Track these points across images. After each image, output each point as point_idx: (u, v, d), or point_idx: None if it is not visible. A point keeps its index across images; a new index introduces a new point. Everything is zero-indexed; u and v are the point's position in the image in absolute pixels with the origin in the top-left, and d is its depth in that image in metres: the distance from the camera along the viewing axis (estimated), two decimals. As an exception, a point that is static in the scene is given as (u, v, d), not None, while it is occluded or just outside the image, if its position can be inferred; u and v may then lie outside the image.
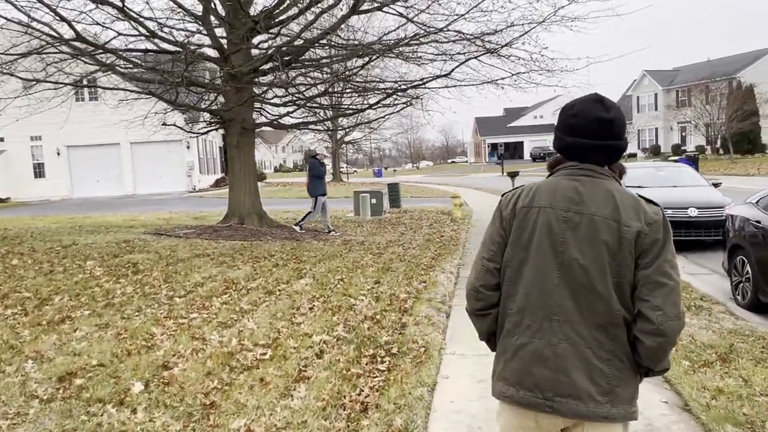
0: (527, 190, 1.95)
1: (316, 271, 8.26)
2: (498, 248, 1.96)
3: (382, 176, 69.84)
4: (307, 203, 25.95)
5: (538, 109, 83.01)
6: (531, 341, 1.85)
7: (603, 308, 1.79)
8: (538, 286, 1.85)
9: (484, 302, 1.98)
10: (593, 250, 1.80)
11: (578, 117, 1.89)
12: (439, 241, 11.84)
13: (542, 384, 1.82)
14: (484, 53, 10.31)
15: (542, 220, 1.86)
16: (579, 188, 1.86)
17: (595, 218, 1.81)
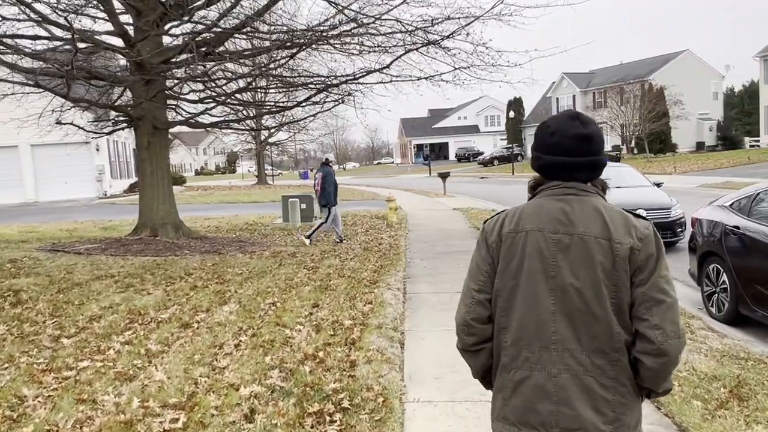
0: (511, 215, 1.86)
1: (242, 294, 7.06)
2: (487, 278, 1.85)
3: (308, 178, 68.38)
4: (232, 208, 24.45)
5: (462, 110, 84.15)
6: (531, 374, 1.75)
7: (602, 332, 1.72)
8: (533, 314, 1.76)
9: (477, 337, 1.86)
10: (587, 272, 1.72)
11: (556, 135, 1.81)
12: (379, 250, 10.88)
13: (547, 420, 1.72)
14: (424, 44, 9.45)
15: (531, 245, 1.77)
16: (565, 208, 1.78)
17: (586, 238, 1.73)
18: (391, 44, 10.04)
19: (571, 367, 1.72)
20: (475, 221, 15.23)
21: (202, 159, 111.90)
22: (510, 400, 1.79)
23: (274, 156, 72.49)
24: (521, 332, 1.77)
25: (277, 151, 60.85)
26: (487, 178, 44.28)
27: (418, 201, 22.54)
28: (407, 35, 10.36)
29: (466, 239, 12.28)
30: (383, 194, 29.31)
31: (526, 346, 1.77)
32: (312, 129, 47.50)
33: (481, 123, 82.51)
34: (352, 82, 10.99)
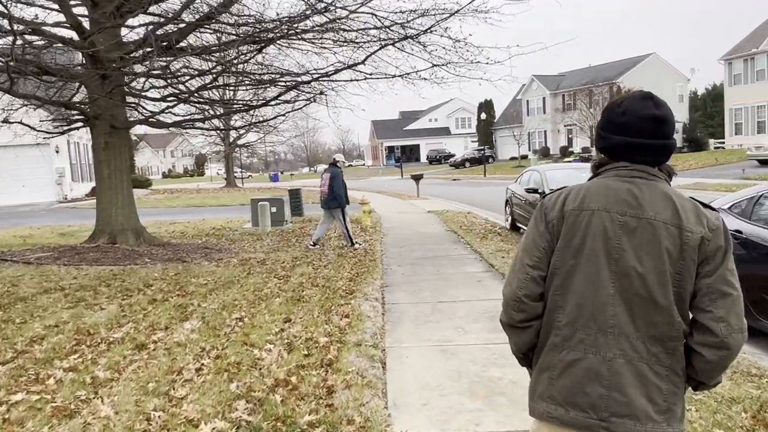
0: (575, 192, 1.79)
1: (206, 308, 6.44)
2: (544, 254, 1.78)
3: (278, 180, 67.47)
4: (199, 212, 23.57)
5: (433, 113, 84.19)
6: (585, 356, 1.70)
7: (662, 320, 1.67)
8: (591, 296, 1.71)
9: (527, 314, 1.80)
10: (652, 258, 1.67)
11: (628, 115, 1.75)
12: (354, 256, 10.34)
13: (597, 404, 1.67)
14: (401, 39, 8.96)
15: (596, 224, 1.71)
16: (634, 191, 1.72)
17: (655, 223, 1.68)
18: (365, 40, 9.53)
19: (626, 353, 1.67)
20: (451, 224, 14.81)
21: (169, 161, 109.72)
22: (558, 380, 1.74)
23: (244, 158, 71.39)
24: (578, 313, 1.72)
25: (247, 153, 59.79)
26: (459, 180, 44.10)
27: (391, 203, 22.05)
28: (382, 31, 9.87)
29: (444, 243, 11.84)
30: (356, 197, 28.75)
31: (582, 327, 1.71)
32: (282, 130, 46.83)
33: (452, 125, 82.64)
34: (324, 79, 10.45)
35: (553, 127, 60.04)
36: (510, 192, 13.65)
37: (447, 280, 8.28)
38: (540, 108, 61.60)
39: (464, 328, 5.87)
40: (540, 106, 61.70)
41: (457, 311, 6.54)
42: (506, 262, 9.16)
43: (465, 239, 12.04)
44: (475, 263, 9.49)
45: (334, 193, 11.12)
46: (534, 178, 12.17)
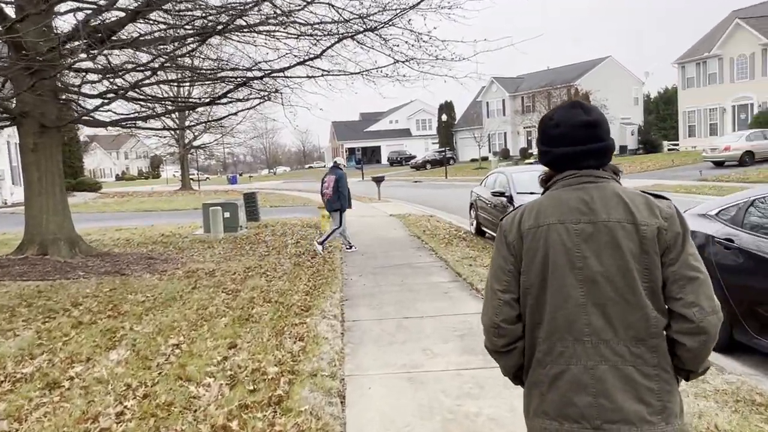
0: (529, 210, 1.81)
1: (139, 332, 5.63)
2: (512, 277, 1.79)
3: (236, 183, 65.96)
4: (150, 217, 22.19)
5: (394, 114, 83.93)
6: (567, 368, 1.70)
7: (638, 319, 1.67)
8: (562, 308, 1.71)
9: (508, 338, 1.81)
10: (615, 259, 1.68)
11: (561, 126, 1.79)
12: (311, 266, 9.63)
13: (587, 413, 1.66)
14: (362, 31, 8.30)
15: (554, 238, 1.72)
16: (584, 197, 1.74)
17: (610, 224, 1.70)
18: (324, 34, 8.83)
19: (607, 358, 1.67)
20: (414, 228, 14.23)
21: (123, 163, 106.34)
22: (547, 395, 1.74)
23: (201, 160, 69.63)
24: (553, 326, 1.73)
25: (204, 155, 58.13)
26: (420, 181, 43.72)
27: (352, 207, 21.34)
28: (341, 25, 9.20)
29: (407, 250, 11.23)
30: (315, 200, 27.86)
31: (559, 340, 1.72)
32: (240, 132, 45.54)
33: (412, 127, 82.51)
34: (278, 75, 9.69)
35: (512, 128, 60.42)
36: (475, 195, 13.16)
37: (412, 291, 7.66)
38: (500, 110, 61.92)
39: (433, 350, 5.26)
40: (500, 107, 62.03)
41: (424, 329, 5.93)
42: (474, 270, 8.61)
43: (429, 245, 11.47)
44: (441, 272, 8.91)
45: (339, 194, 11.07)
46: (500, 180, 11.70)
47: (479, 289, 7.45)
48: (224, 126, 37.50)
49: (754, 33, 39.00)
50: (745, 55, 40.27)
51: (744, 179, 22.42)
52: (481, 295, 7.23)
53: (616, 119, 50.92)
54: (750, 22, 39.87)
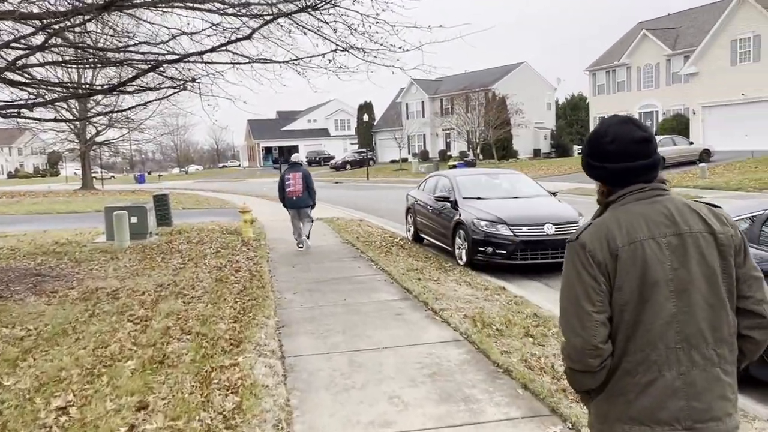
0: (611, 227, 1.80)
1: (10, 390, 4.20)
2: (604, 296, 1.78)
3: (144, 182, 62.16)
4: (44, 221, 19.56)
5: (312, 113, 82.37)
6: (660, 375, 1.76)
7: (722, 322, 1.78)
8: (657, 319, 1.76)
9: (603, 357, 1.79)
10: (700, 267, 1.77)
11: (617, 142, 1.85)
12: (236, 281, 8.35)
13: (679, 415, 1.74)
14: (297, 11, 7.10)
15: (649, 253, 1.77)
16: (662, 210, 1.81)
17: (692, 235, 1.79)
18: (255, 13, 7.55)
19: (697, 363, 1.75)
20: (346, 234, 13.16)
21: (16, 160, 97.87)
22: (636, 402, 1.79)
23: (105, 157, 65.03)
24: (647, 338, 1.76)
25: (109, 151, 53.99)
26: (341, 182, 42.66)
27: (273, 210, 19.81)
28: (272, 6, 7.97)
29: (343, 260, 10.15)
30: (233, 201, 26.03)
31: (653, 350, 1.76)
32: (149, 127, 42.38)
33: (331, 127, 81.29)
34: (198, 61, 8.32)
35: (432, 130, 60.66)
36: (412, 199, 12.29)
37: (359, 313, 6.62)
38: (419, 112, 62.01)
39: (402, 398, 4.24)
40: (419, 109, 62.11)
41: (384, 366, 4.91)
42: (425, 286, 7.68)
43: (367, 254, 10.46)
44: (386, 287, 7.91)
45: (310, 190, 11.21)
46: (442, 185, 10.88)
47: (436, 309, 6.53)
48: (131, 120, 34.68)
49: (659, 44, 41.04)
50: (651, 64, 42.31)
51: (660, 183, 23.08)
52: (440, 317, 6.31)
53: (531, 123, 52.26)
54: (656, 33, 41.95)
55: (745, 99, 33.23)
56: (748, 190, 18.94)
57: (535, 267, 8.88)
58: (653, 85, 42.30)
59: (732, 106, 34.28)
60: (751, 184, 19.77)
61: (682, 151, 29.37)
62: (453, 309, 6.52)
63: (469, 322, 6.00)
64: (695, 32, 40.16)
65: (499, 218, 8.88)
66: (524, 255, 8.66)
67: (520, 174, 11.49)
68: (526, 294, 7.51)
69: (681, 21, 43.22)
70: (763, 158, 27.52)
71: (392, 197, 26.13)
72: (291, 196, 11.12)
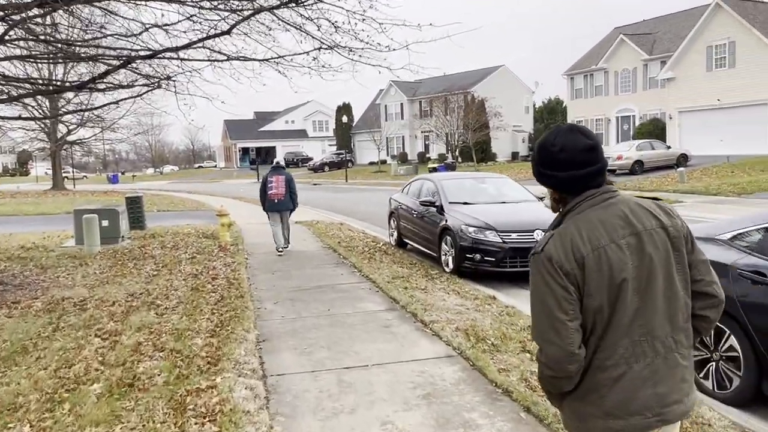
0: (576, 237, 1.87)
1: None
2: (576, 305, 1.86)
3: (118, 182, 60.91)
4: (9, 224, 18.71)
5: (290, 114, 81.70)
6: (629, 368, 1.86)
7: (679, 310, 1.90)
8: (623, 317, 1.86)
9: (579, 362, 1.88)
10: (656, 262, 1.87)
11: (566, 151, 1.92)
12: (213, 290, 7.92)
13: (649, 403, 1.86)
14: (279, 6, 6.70)
15: (612, 257, 1.85)
16: (618, 213, 1.90)
17: (646, 232, 1.88)
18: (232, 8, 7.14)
19: (659, 352, 1.87)
20: (327, 239, 12.78)
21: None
22: (608, 397, 1.86)
23: (78, 157, 63.61)
24: (615, 335, 1.85)
25: (81, 151, 52.64)
26: (319, 184, 42.19)
27: (251, 212, 19.38)
28: (250, 2, 7.57)
29: (325, 266, 9.78)
30: (209, 203, 25.40)
31: (620, 345, 1.85)
32: (123, 127, 41.33)
33: (309, 128, 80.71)
34: (173, 57, 7.87)
35: (410, 132, 60.49)
36: (395, 203, 11.96)
37: (345, 326, 6.26)
38: (398, 113, 61.79)
39: (396, 424, 3.91)
40: (398, 111, 61.90)
41: (374, 386, 4.56)
42: (413, 296, 7.36)
43: (349, 260, 10.10)
44: (372, 296, 7.57)
45: (292, 193, 11.20)
46: (427, 189, 10.57)
47: (426, 321, 6.21)
48: (102, 118, 33.79)
49: (637, 49, 41.41)
50: (628, 69, 42.67)
51: (640, 188, 23.16)
52: (430, 330, 5.99)
53: (509, 126, 52.38)
54: (633, 38, 42.32)
55: (721, 104, 33.67)
56: (727, 195, 19.04)
57: (524, 275, 8.61)
58: (630, 90, 42.68)
59: (708, 112, 34.71)
60: (730, 189, 19.88)
61: (660, 155, 29.59)
62: (444, 321, 6.21)
63: (462, 335, 5.69)
64: (672, 38, 40.63)
65: (488, 224, 8.60)
66: (513, 262, 8.38)
67: (507, 178, 11.23)
68: (517, 304, 7.24)
69: (657, 26, 43.71)
70: (739, 163, 27.86)
71: (372, 200, 25.79)
72: (273, 198, 11.03)
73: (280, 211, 11.13)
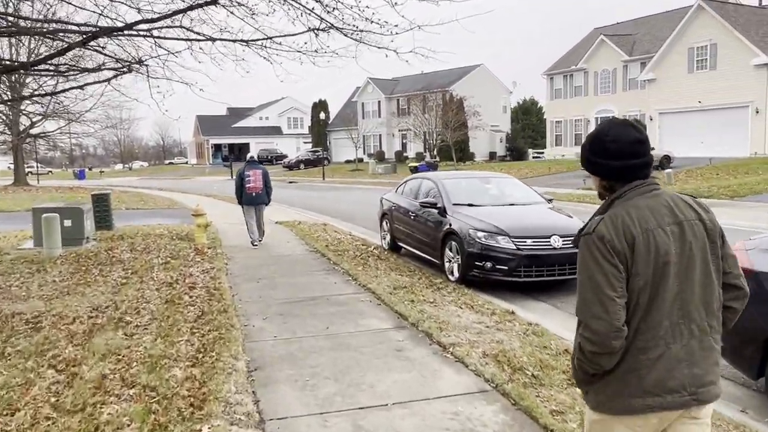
0: (624, 219, 2.00)
1: None
2: (623, 282, 1.97)
3: (85, 178, 58.79)
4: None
5: (264, 111, 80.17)
6: (667, 349, 1.97)
7: (713, 297, 2.04)
8: (664, 299, 1.97)
9: (622, 340, 1.97)
10: (695, 251, 2.02)
11: (619, 142, 2.06)
12: (191, 302, 6.92)
13: (685, 382, 1.97)
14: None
15: (659, 240, 1.97)
16: (662, 203, 2.05)
17: (688, 223, 2.03)
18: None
19: (695, 335, 2.00)
20: (313, 241, 11.82)
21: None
22: (647, 377, 1.97)
23: (43, 152, 61.24)
24: (656, 317, 1.97)
25: (46, 145, 50.41)
26: (296, 182, 41.10)
27: (227, 211, 18.22)
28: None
29: (315, 273, 8.82)
30: (182, 201, 24.08)
31: (660, 327, 1.97)
32: (90, 120, 39.45)
33: (284, 124, 79.25)
34: (144, 33, 6.80)
35: (388, 131, 59.66)
36: (388, 204, 11.05)
37: (349, 348, 5.35)
38: (375, 111, 60.87)
39: (440, 493, 3.01)
40: (375, 109, 60.98)
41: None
42: (423, 311, 6.47)
43: (341, 266, 9.17)
44: (374, 311, 6.66)
45: (267, 189, 11.54)
46: (427, 189, 9.69)
47: (444, 344, 5.33)
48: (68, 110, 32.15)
49: (617, 50, 41.24)
50: (608, 70, 42.51)
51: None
52: (452, 355, 5.11)
53: (487, 126, 51.88)
54: (613, 39, 42.15)
55: (702, 107, 33.60)
56: (720, 198, 18.59)
57: (539, 285, 7.81)
58: (610, 91, 42.52)
59: (688, 113, 34.62)
60: (721, 192, 19.47)
61: (644, 156, 29.28)
62: (465, 343, 5.34)
63: (493, 362, 4.83)
64: (652, 39, 40.57)
65: (500, 229, 7.75)
66: (528, 271, 7.56)
67: (512, 178, 10.42)
68: (539, 319, 6.42)
69: (637, 28, 43.62)
70: (722, 165, 27.68)
71: (352, 199, 24.85)
72: (251, 192, 11.30)
73: (257, 205, 11.38)
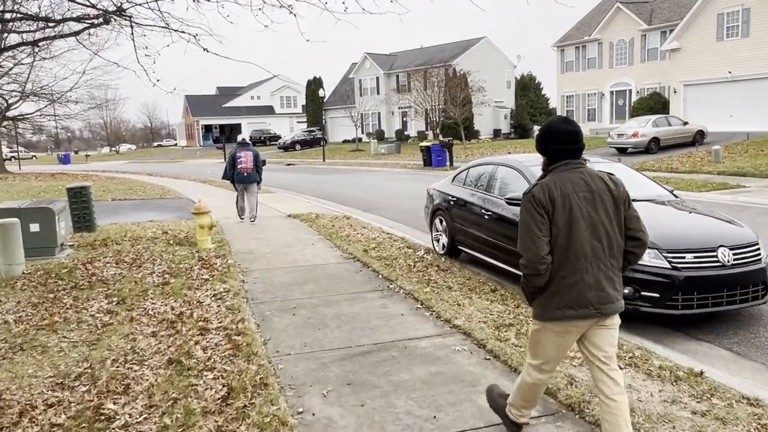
0: (550, 185, 2.98)
1: None
2: (547, 227, 2.95)
3: (70, 162, 55.92)
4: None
5: (255, 89, 77.09)
6: (582, 277, 2.95)
7: (616, 244, 3.01)
8: (581, 242, 2.94)
9: (546, 264, 2.95)
10: (605, 212, 2.98)
11: (560, 133, 3.07)
12: (207, 364, 4.58)
13: (593, 301, 2.95)
14: None
15: (574, 202, 2.94)
16: (582, 177, 3.00)
17: (600, 193, 2.99)
18: None
19: (602, 269, 2.97)
20: (343, 243, 9.48)
21: None
22: (567, 296, 2.96)
23: (30, 135, 58.23)
24: (573, 254, 2.94)
25: (31, 129, 47.42)
26: (294, 165, 38.50)
27: (226, 201, 15.60)
28: None
29: (369, 296, 6.47)
30: (175, 188, 21.33)
31: (577, 261, 2.94)
32: (74, 101, 36.51)
33: (276, 104, 76.28)
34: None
35: (388, 108, 56.96)
36: (442, 196, 8.71)
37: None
38: (374, 87, 58.08)
39: None
40: (374, 86, 58.17)
41: None
42: (571, 375, 4.17)
43: (399, 285, 6.86)
44: (492, 374, 4.35)
45: (258, 168, 12.34)
46: (505, 178, 7.35)
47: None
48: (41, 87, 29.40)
49: (635, 18, 38.69)
50: (625, 40, 39.99)
51: (672, 169, 20.43)
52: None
53: (492, 102, 49.22)
54: (630, 7, 39.55)
55: (732, 77, 31.23)
56: (790, 178, 16.36)
57: (709, 320, 5.54)
58: (627, 62, 40.03)
59: (717, 84, 32.24)
60: (786, 171, 17.23)
61: (677, 132, 26.95)
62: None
63: None
64: (671, 6, 38.03)
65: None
66: (688, 300, 5.28)
67: (621, 165, 8.01)
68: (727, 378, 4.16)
69: (655, -5, 40.98)
70: (761, 140, 25.46)
71: (364, 182, 22.40)
72: (242, 172, 12.17)
73: (248, 183, 12.28)
